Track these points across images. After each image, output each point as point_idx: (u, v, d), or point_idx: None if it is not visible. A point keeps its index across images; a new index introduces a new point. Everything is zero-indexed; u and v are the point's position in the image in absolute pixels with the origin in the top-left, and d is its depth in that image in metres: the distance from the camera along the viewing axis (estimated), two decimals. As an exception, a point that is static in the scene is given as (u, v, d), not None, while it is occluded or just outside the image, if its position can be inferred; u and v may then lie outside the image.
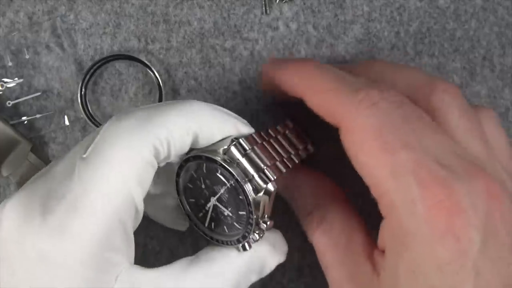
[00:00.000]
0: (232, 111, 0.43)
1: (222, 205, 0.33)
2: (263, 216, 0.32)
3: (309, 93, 0.32)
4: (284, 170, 0.33)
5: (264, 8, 0.43)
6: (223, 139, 0.33)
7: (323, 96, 0.31)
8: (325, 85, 0.32)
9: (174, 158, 0.32)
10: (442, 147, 0.30)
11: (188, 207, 0.35)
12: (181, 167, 0.34)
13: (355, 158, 0.30)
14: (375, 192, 0.30)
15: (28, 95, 0.43)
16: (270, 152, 0.33)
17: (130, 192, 0.30)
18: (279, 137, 0.35)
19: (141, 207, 0.31)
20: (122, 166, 0.29)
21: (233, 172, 0.31)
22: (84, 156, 0.30)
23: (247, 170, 0.32)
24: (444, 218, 0.28)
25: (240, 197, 0.32)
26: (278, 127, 0.36)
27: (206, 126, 0.32)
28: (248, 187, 0.32)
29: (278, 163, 0.33)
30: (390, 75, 0.35)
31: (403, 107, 0.30)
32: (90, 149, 0.30)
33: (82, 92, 0.42)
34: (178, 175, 0.34)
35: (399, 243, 0.29)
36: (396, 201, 0.29)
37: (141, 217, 0.31)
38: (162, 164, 0.32)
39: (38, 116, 0.42)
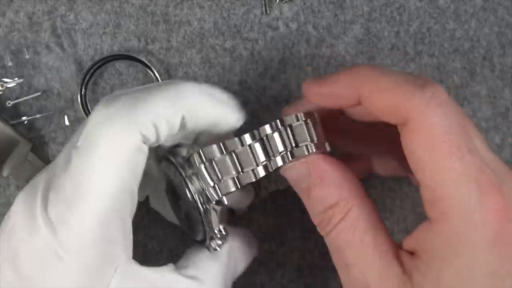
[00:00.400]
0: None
1: (188, 204, 0.33)
2: (217, 226, 0.33)
3: (369, 93, 0.31)
4: (241, 185, 0.32)
5: (264, 8, 0.43)
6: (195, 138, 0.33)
7: (387, 94, 0.30)
8: (387, 84, 0.31)
9: (164, 141, 0.32)
10: (487, 151, 0.30)
11: (170, 193, 0.36)
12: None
13: (416, 158, 0.29)
14: (431, 194, 0.29)
15: (28, 95, 0.43)
16: (236, 163, 0.32)
17: (123, 179, 0.30)
18: (277, 134, 0.32)
19: (135, 194, 0.31)
20: (112, 154, 0.29)
21: (185, 180, 0.32)
22: (78, 144, 0.30)
23: (205, 180, 0.32)
24: (498, 225, 0.28)
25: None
26: (288, 118, 0.33)
27: (193, 111, 0.31)
28: (199, 197, 0.32)
29: (241, 175, 0.32)
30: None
31: (460, 107, 0.30)
32: (81, 137, 0.30)
33: (82, 92, 0.42)
34: (163, 159, 0.35)
35: (449, 249, 0.29)
36: (455, 207, 0.28)
37: (135, 204, 0.31)
38: (158, 143, 0.32)
39: (38, 116, 0.42)
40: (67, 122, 0.43)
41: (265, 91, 0.43)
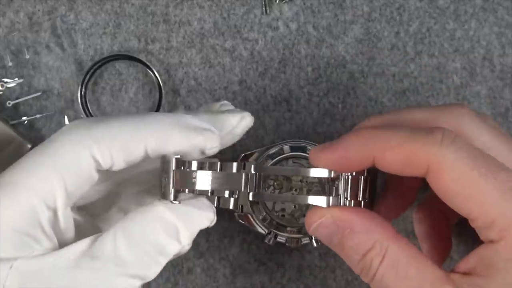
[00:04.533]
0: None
1: None
2: None
3: (383, 152, 0.31)
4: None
5: (264, 8, 0.43)
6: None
7: (400, 150, 0.31)
8: (397, 140, 0.31)
9: (120, 166, 0.32)
10: None
11: None
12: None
13: (455, 196, 0.30)
14: (484, 220, 0.30)
15: (28, 95, 0.43)
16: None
17: (60, 178, 0.31)
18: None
19: (61, 211, 0.31)
20: (57, 159, 0.31)
21: None
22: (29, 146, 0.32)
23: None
24: None
25: None
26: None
27: (158, 140, 0.32)
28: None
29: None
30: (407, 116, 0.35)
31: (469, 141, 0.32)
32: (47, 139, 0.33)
33: (82, 92, 0.42)
34: None
35: None
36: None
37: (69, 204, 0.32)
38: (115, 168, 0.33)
39: (38, 116, 0.42)
40: (67, 122, 0.43)
41: (265, 91, 0.43)
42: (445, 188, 0.30)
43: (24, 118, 0.42)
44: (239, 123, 0.35)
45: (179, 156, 0.33)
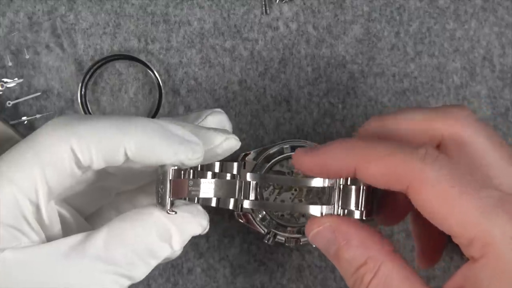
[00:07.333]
0: (232, 111, 0.43)
1: None
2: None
3: (365, 164, 0.31)
4: None
5: (264, 8, 0.43)
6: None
7: (382, 162, 0.31)
8: (381, 152, 0.31)
9: (99, 165, 0.32)
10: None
11: None
12: None
13: (435, 213, 0.30)
14: (465, 238, 0.30)
15: (28, 95, 0.43)
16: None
17: (41, 173, 0.31)
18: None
19: (56, 185, 0.32)
20: (40, 153, 0.31)
21: None
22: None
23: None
24: None
25: None
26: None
27: (138, 144, 0.32)
28: None
29: None
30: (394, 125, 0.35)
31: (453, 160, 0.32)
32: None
33: (82, 92, 0.42)
34: None
35: (502, 280, 0.29)
36: (495, 238, 0.29)
37: (51, 194, 0.32)
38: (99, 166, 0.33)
39: (38, 116, 0.42)
40: (67, 122, 0.42)
41: (265, 91, 0.43)
42: (425, 205, 0.30)
43: (24, 118, 0.42)
44: (222, 143, 0.34)
45: (176, 167, 0.33)
